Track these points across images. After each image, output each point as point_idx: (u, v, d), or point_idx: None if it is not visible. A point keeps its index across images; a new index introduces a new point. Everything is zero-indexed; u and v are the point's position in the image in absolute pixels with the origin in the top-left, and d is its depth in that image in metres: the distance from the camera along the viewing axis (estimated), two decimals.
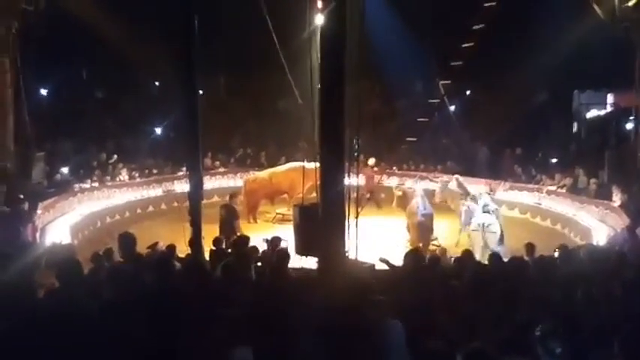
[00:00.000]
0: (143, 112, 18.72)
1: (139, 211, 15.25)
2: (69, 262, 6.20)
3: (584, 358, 4.71)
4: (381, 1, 15.96)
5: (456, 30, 12.58)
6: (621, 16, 12.57)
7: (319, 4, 9.16)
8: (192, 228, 8.70)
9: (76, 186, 14.33)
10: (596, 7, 12.95)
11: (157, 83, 20.52)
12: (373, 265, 7.85)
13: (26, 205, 11.34)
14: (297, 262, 8.09)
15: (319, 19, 8.36)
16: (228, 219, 11.85)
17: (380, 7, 15.44)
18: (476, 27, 10.87)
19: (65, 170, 14.54)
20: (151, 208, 15.54)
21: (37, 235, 11.07)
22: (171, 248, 8.29)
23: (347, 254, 7.42)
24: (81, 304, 5.06)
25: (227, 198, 13.02)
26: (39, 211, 11.72)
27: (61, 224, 12.17)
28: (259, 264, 7.71)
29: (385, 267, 7.82)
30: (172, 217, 13.52)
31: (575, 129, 18.99)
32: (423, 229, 11.97)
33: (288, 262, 7.82)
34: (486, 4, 10.67)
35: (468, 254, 7.50)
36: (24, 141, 13.07)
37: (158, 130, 18.73)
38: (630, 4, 12.37)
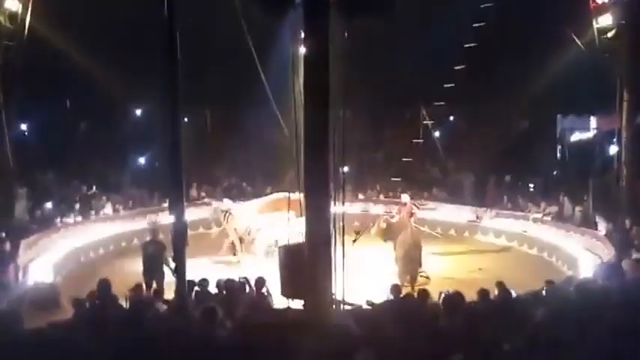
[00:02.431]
0: (127, 142, 18.58)
1: (123, 244, 15.05)
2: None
3: None
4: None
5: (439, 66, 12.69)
6: (601, 47, 12.78)
7: (302, 34, 9.19)
8: (175, 264, 8.56)
9: (59, 221, 14.13)
10: (576, 38, 13.15)
11: (138, 112, 20.32)
12: (360, 306, 7.77)
13: (8, 245, 11.18)
14: (283, 303, 8.00)
15: (302, 49, 8.37)
16: (159, 256, 10.52)
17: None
18: (458, 67, 10.98)
19: (48, 205, 14.35)
20: (135, 241, 15.30)
21: (20, 274, 10.91)
22: (158, 294, 8.18)
23: (333, 296, 7.34)
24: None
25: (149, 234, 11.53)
26: (21, 249, 11.52)
27: (44, 262, 11.92)
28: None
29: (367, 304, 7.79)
30: None
31: (559, 154, 19.11)
32: (410, 261, 11.89)
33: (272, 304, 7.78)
34: (467, 45, 10.78)
35: (457, 294, 7.40)
36: (6, 177, 12.91)
37: (142, 160, 18.61)
38: (609, 35, 12.58)
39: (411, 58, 16.14)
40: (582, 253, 12.47)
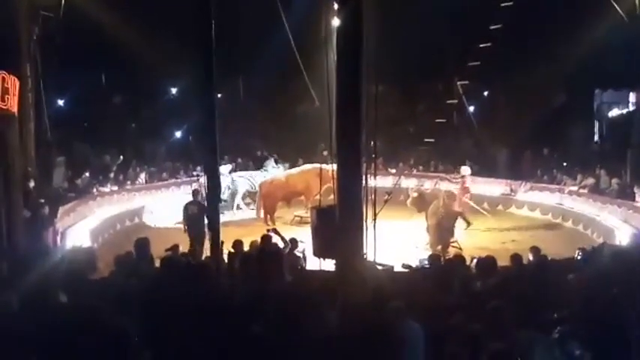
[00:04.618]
0: (162, 115, 18.78)
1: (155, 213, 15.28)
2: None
3: None
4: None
5: (474, 30, 12.47)
6: None
7: (335, 6, 9.13)
8: (210, 230, 8.70)
9: (95, 190, 14.41)
10: (616, 5, 12.76)
11: (173, 90, 20.53)
12: (392, 267, 7.77)
13: (47, 210, 11.38)
14: (315, 264, 8.06)
15: (336, 21, 8.35)
16: (199, 216, 10.87)
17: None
18: (493, 27, 10.76)
19: (86, 174, 14.65)
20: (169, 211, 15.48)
21: (58, 238, 11.17)
22: (192, 252, 8.31)
23: (365, 256, 7.37)
24: (104, 314, 5.02)
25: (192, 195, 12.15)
26: (59, 215, 11.79)
27: (81, 228, 12.25)
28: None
29: (404, 270, 7.76)
30: None
31: (596, 128, 18.70)
32: (442, 231, 11.83)
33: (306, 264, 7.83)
34: (503, 4, 10.55)
35: (490, 258, 7.36)
36: (45, 146, 13.18)
37: (177, 134, 18.82)
38: None
39: (442, 26, 15.90)
40: (619, 225, 12.27)
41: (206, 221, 8.82)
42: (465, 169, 14.24)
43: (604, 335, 4.81)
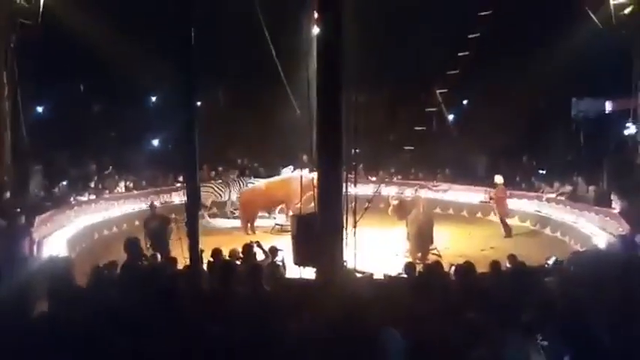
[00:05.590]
0: (141, 123, 18.62)
1: (136, 223, 15.08)
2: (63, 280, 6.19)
3: None
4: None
5: (453, 40, 12.60)
6: (618, 24, 12.60)
7: (315, 15, 9.16)
8: (190, 239, 8.62)
9: (73, 199, 14.22)
10: (592, 15, 12.97)
11: (153, 97, 20.39)
12: (371, 275, 7.78)
13: (23, 219, 11.22)
14: (296, 272, 8.04)
15: (316, 30, 8.38)
16: (162, 230, 11.08)
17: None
18: (471, 36, 10.88)
19: (63, 183, 14.46)
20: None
21: (34, 248, 10.94)
22: (172, 261, 8.25)
23: (345, 264, 7.38)
24: (78, 326, 5.02)
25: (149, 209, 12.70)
26: (36, 225, 11.55)
27: (58, 237, 12.05)
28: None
29: (382, 277, 7.78)
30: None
31: (573, 136, 18.91)
32: (422, 238, 11.87)
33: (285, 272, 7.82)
34: (482, 13, 10.67)
35: (468, 264, 7.42)
36: (21, 154, 13.03)
37: (155, 142, 18.69)
38: (626, 11, 12.41)
39: (423, 35, 16.03)
40: (596, 232, 12.39)
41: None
42: (499, 178, 14.49)
43: (578, 338, 4.92)
